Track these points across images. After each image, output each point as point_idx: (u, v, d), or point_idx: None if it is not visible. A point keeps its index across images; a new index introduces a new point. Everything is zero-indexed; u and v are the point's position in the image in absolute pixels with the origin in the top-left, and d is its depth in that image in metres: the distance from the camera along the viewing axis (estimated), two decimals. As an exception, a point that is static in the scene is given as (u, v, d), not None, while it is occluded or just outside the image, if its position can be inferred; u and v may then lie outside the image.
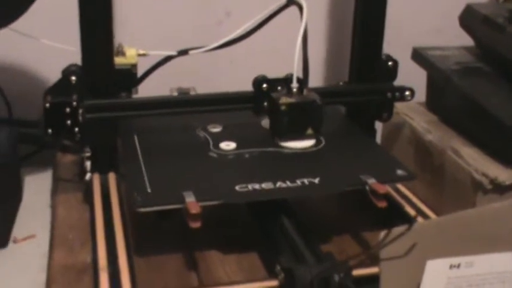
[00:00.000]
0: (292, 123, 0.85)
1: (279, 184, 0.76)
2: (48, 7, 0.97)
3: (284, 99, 0.85)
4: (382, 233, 0.54)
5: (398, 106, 0.98)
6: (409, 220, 0.80)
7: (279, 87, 0.88)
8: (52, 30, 0.93)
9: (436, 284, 0.58)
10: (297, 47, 0.84)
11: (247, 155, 0.83)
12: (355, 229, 0.83)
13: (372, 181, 0.76)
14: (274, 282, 0.67)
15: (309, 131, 0.86)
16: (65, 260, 0.75)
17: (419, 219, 0.81)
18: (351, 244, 0.81)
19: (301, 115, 0.85)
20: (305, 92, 0.87)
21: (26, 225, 0.86)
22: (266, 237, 0.77)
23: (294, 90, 0.86)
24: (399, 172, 0.80)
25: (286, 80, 0.87)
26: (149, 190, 0.73)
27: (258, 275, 0.73)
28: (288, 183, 0.76)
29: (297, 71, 0.86)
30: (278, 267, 0.67)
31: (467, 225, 0.58)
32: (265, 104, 0.87)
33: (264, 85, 0.87)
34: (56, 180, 0.94)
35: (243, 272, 0.75)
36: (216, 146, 0.85)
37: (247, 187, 0.75)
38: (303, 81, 0.86)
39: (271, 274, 0.69)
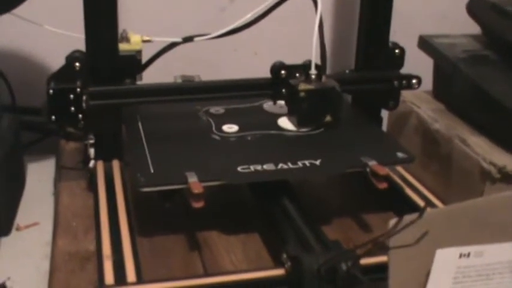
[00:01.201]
0: (311, 109, 0.85)
1: (280, 165, 0.76)
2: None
3: (303, 86, 0.84)
4: (392, 221, 0.54)
5: (405, 94, 0.97)
6: (414, 205, 0.80)
7: (297, 74, 0.87)
8: (56, 16, 0.92)
9: (445, 273, 0.57)
10: (314, 33, 0.84)
11: (249, 137, 0.83)
12: (361, 215, 0.83)
13: (372, 163, 0.76)
14: (281, 271, 0.66)
15: (328, 118, 0.85)
16: (68, 247, 0.74)
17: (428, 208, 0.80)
18: (358, 231, 0.80)
19: (320, 102, 0.85)
20: (323, 78, 0.86)
21: (29, 212, 0.86)
22: (271, 223, 0.77)
23: (313, 76, 0.86)
24: (399, 154, 0.80)
25: (305, 67, 0.87)
26: (152, 171, 0.74)
27: (264, 263, 0.73)
28: (290, 165, 0.76)
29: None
30: (284, 256, 0.66)
31: (477, 214, 0.57)
32: (284, 90, 0.87)
33: (282, 72, 0.86)
34: (60, 168, 0.93)
35: (248, 260, 0.74)
36: (219, 128, 0.85)
37: (249, 168, 0.75)
38: (321, 68, 0.86)
39: (278, 262, 0.69)
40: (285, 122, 0.87)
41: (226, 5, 1.12)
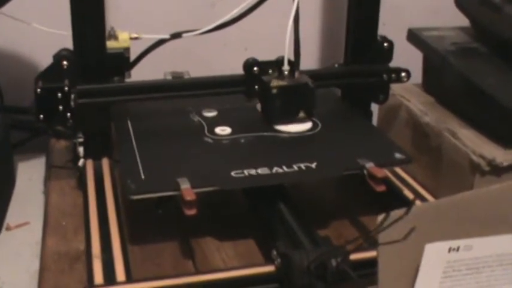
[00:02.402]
0: (283, 106, 0.84)
1: (275, 169, 0.75)
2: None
3: (275, 82, 0.83)
4: (380, 217, 0.54)
5: (395, 88, 0.97)
6: (407, 203, 0.79)
7: (270, 70, 0.87)
8: (43, 14, 0.92)
9: (435, 267, 0.57)
10: (288, 28, 0.83)
11: (242, 140, 0.82)
12: (353, 213, 0.82)
13: (369, 165, 0.75)
14: (271, 268, 0.66)
15: (301, 114, 0.85)
16: (58, 247, 0.74)
17: (417, 202, 0.80)
18: (349, 228, 0.80)
19: (293, 98, 0.84)
20: (296, 74, 0.85)
21: (19, 212, 0.85)
22: (262, 222, 0.76)
23: (285, 73, 0.85)
24: (397, 155, 0.79)
25: (278, 63, 0.86)
26: (143, 177, 0.72)
27: (255, 261, 0.73)
28: (285, 168, 0.75)
29: (289, 54, 0.85)
30: (274, 253, 0.66)
31: (465, 208, 0.57)
32: (257, 87, 0.86)
33: (255, 68, 0.86)
34: (50, 167, 0.93)
35: (239, 258, 0.74)
36: (211, 131, 0.84)
37: (243, 173, 0.74)
38: (294, 64, 0.85)
39: (268, 259, 0.69)
40: (279, 124, 0.87)
41: (215, 0, 1.12)
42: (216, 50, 1.13)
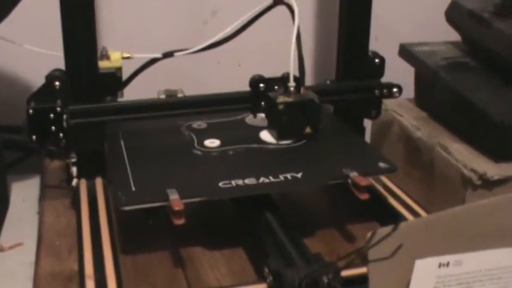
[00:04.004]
0: (290, 122, 0.85)
1: (262, 179, 0.76)
2: (30, 12, 0.96)
3: (282, 98, 0.84)
4: (369, 234, 0.54)
5: (387, 103, 0.97)
6: (397, 215, 0.81)
7: (276, 87, 0.87)
8: (35, 35, 0.92)
9: (425, 283, 0.57)
10: (292, 46, 0.84)
11: (231, 152, 0.83)
12: (344, 225, 0.83)
13: (353, 174, 0.76)
14: (263, 286, 0.67)
15: (308, 130, 0.86)
16: (52, 267, 0.74)
17: (410, 216, 0.80)
18: (341, 242, 0.80)
19: (300, 114, 0.85)
20: (302, 90, 0.86)
21: (13, 233, 0.85)
22: (253, 237, 0.76)
23: (292, 89, 0.86)
24: (381, 165, 0.80)
25: (283, 79, 0.87)
26: (133, 189, 0.74)
27: (248, 278, 0.73)
28: (271, 179, 0.76)
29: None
30: (266, 270, 0.67)
31: (455, 223, 0.57)
32: (263, 103, 0.87)
33: (261, 85, 0.87)
34: (44, 187, 0.93)
35: (232, 275, 0.74)
36: (201, 143, 0.85)
37: (230, 183, 0.75)
38: (299, 80, 0.86)
39: (261, 276, 0.69)
40: (267, 135, 0.87)
41: (208, 18, 1.12)
42: (209, 67, 1.14)
